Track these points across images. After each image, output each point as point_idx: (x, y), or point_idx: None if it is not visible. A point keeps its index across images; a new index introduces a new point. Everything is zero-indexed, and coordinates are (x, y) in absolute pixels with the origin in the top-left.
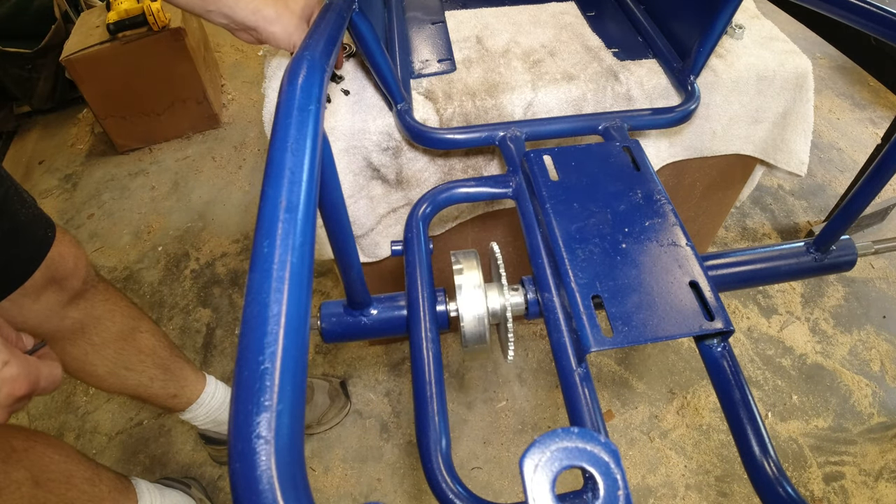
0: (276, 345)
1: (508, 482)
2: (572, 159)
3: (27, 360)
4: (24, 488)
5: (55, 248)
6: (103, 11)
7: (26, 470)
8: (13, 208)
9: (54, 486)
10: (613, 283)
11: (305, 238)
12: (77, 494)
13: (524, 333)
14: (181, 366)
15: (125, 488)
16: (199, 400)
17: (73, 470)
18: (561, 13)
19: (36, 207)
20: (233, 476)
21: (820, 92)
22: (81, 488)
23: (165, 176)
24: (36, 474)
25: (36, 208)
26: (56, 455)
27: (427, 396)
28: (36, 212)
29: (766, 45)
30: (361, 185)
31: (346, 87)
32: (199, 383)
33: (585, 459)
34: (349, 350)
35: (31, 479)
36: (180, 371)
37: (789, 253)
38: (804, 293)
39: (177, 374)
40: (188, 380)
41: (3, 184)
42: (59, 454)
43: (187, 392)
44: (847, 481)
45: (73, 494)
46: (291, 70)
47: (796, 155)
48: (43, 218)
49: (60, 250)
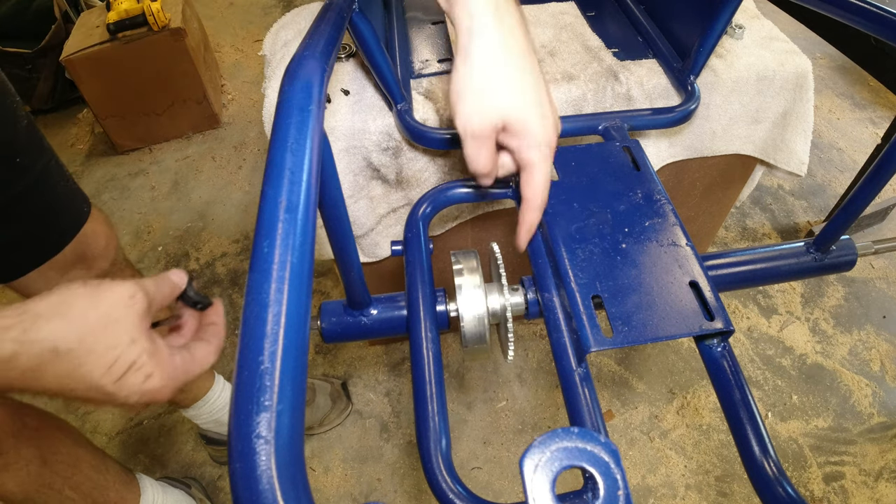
0: (276, 345)
1: (508, 482)
2: (572, 159)
3: (172, 365)
4: (32, 466)
5: (89, 224)
6: (103, 11)
7: (36, 448)
8: (53, 180)
9: (61, 468)
10: (613, 283)
11: (305, 238)
12: (82, 479)
13: (524, 333)
14: None
15: (130, 481)
16: (206, 397)
17: (82, 455)
18: (561, 13)
19: (74, 182)
20: (233, 476)
21: (820, 92)
22: (87, 474)
23: (165, 176)
24: (45, 453)
25: (73, 183)
26: (67, 438)
27: (427, 396)
28: (74, 186)
29: (766, 45)
30: (361, 185)
31: (346, 87)
32: (207, 380)
33: (585, 459)
34: (349, 350)
35: (40, 458)
36: None
37: (789, 253)
38: (804, 293)
39: None
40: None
41: (44, 155)
42: (70, 437)
43: (195, 388)
44: (847, 481)
45: (78, 478)
46: (291, 70)
47: (796, 155)
48: (80, 193)
49: (94, 227)
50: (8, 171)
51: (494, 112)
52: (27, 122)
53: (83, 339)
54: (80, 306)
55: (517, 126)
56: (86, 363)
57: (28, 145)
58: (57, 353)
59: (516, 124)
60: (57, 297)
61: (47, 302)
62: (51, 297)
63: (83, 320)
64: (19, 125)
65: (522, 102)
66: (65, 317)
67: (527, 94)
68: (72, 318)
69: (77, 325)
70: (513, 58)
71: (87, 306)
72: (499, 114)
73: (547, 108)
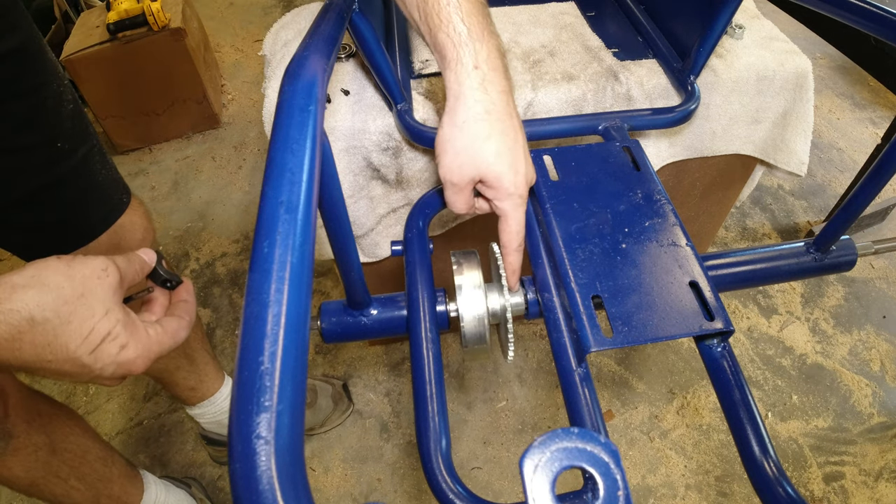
0: (276, 345)
1: (508, 482)
2: (572, 159)
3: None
4: (41, 453)
5: (127, 215)
6: (103, 11)
7: (47, 436)
8: (93, 167)
9: (69, 458)
10: (613, 283)
11: (305, 238)
12: (89, 470)
13: (524, 333)
14: (206, 360)
15: (134, 477)
16: (212, 398)
17: (90, 446)
18: (561, 13)
19: (115, 171)
20: (233, 476)
21: (820, 92)
22: (94, 465)
23: (165, 176)
24: (54, 442)
25: (116, 173)
26: (76, 428)
27: (427, 396)
28: (115, 176)
29: (766, 45)
30: (361, 185)
31: (346, 87)
32: (217, 381)
33: (585, 460)
34: (349, 350)
35: (49, 446)
36: (204, 365)
37: (789, 253)
38: (804, 293)
39: (200, 367)
40: (209, 376)
41: (88, 140)
42: (80, 427)
43: (204, 387)
44: (847, 481)
45: (85, 469)
46: (291, 70)
47: (796, 155)
48: (120, 183)
49: (133, 218)
50: (49, 155)
51: (472, 168)
52: (73, 108)
53: (59, 310)
54: (55, 278)
55: (492, 181)
56: (62, 334)
57: (71, 130)
58: (33, 323)
59: (492, 180)
60: (33, 269)
61: (22, 274)
62: (26, 270)
63: (59, 291)
64: (65, 109)
65: (497, 161)
66: (41, 288)
67: (502, 154)
68: (48, 288)
69: (53, 296)
70: (493, 122)
71: (62, 278)
72: (476, 170)
73: (521, 164)
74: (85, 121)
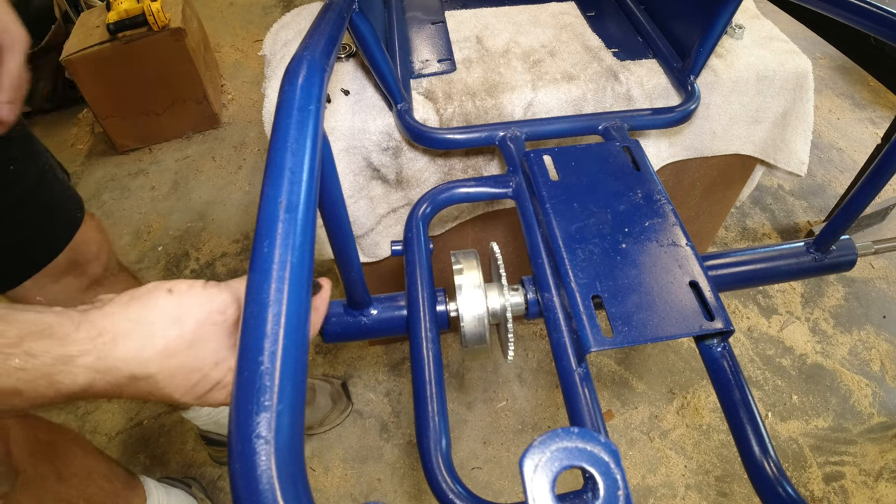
0: (276, 345)
1: (508, 482)
2: (572, 159)
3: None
4: (49, 482)
5: (81, 231)
6: (103, 11)
7: (51, 464)
8: (48, 187)
9: (76, 482)
10: (613, 283)
11: (305, 238)
12: (95, 490)
13: (524, 333)
14: None
15: (135, 485)
16: None
17: (93, 465)
18: (561, 13)
19: (69, 185)
20: (233, 476)
21: (820, 92)
22: (99, 484)
23: (165, 176)
24: (59, 468)
25: (69, 186)
26: (79, 450)
27: (427, 396)
28: (69, 191)
29: (766, 45)
30: (361, 185)
31: (346, 87)
32: None
33: (585, 459)
34: (349, 350)
35: (55, 474)
36: None
37: (789, 253)
38: (804, 293)
39: None
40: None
41: (40, 159)
42: (82, 449)
43: None
44: (847, 481)
45: (92, 490)
46: (291, 70)
47: (796, 155)
48: (74, 198)
49: (86, 233)
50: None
51: None
52: (21, 129)
53: (163, 364)
54: (161, 324)
55: None
56: (166, 386)
57: (22, 153)
58: (135, 379)
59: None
60: (136, 307)
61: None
62: (129, 308)
63: (165, 342)
64: (13, 132)
65: None
66: (146, 340)
67: None
68: (152, 339)
69: (159, 349)
70: None
71: (169, 324)
72: None
73: None
74: (33, 140)
